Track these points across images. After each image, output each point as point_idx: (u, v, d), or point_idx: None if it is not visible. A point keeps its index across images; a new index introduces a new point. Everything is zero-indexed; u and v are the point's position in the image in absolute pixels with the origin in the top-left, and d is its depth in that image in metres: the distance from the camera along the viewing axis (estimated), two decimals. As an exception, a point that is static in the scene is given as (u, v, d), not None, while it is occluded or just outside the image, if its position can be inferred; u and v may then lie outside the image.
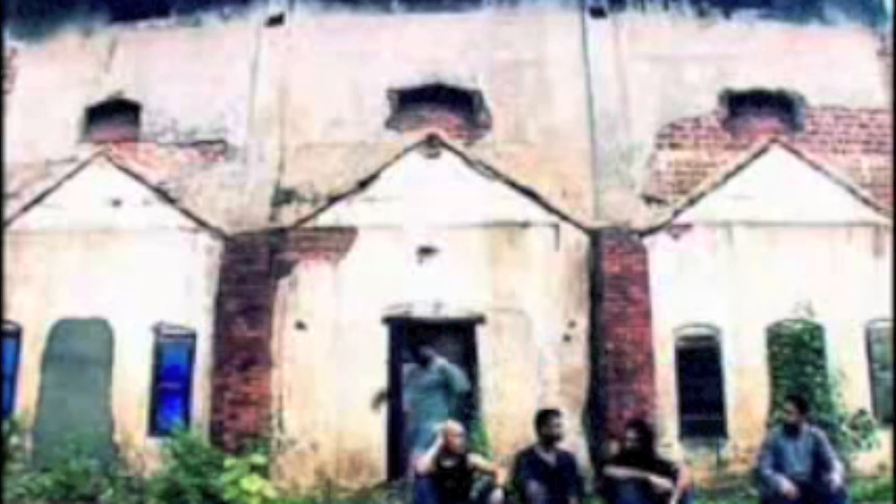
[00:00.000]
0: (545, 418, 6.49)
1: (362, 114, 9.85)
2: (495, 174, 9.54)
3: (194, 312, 9.24)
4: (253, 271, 9.16)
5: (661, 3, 10.38)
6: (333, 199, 9.51)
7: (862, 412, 8.70)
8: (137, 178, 9.81)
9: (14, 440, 8.80)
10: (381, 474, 8.69)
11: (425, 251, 9.27)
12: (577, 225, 9.37)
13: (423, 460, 6.19)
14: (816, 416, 8.10)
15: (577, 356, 9.01)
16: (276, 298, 9.17)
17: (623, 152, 9.63)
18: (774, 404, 8.69)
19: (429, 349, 7.26)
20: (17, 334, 9.34)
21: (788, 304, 9.09)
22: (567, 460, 6.40)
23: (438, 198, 9.43)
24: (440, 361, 7.13)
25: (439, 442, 6.30)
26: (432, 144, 9.69)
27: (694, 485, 6.40)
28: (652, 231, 9.36)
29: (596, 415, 8.78)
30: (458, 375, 7.01)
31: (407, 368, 7.94)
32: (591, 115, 9.75)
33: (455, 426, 6.46)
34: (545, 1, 10.31)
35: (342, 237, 9.36)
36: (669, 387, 8.89)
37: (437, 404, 6.80)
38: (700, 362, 9.03)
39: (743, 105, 9.91)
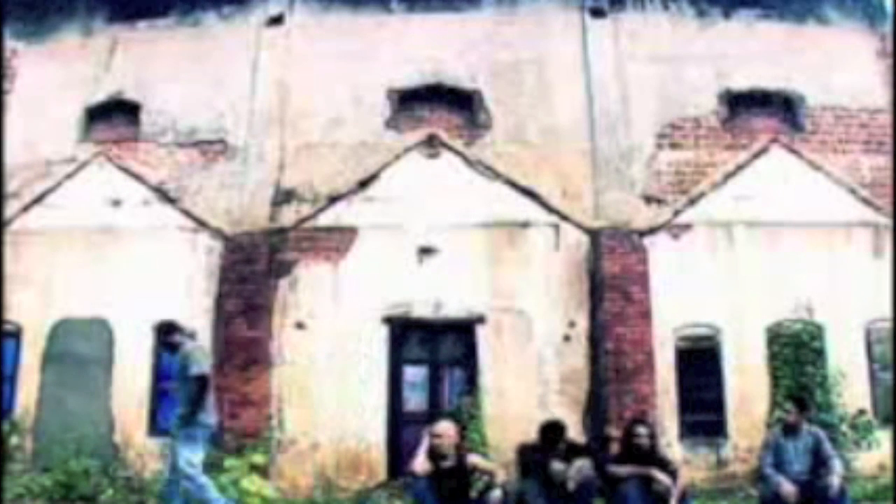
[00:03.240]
0: (552, 433, 6.22)
1: (362, 114, 9.85)
2: (495, 174, 9.54)
3: (194, 312, 9.21)
4: (253, 271, 9.16)
5: (661, 3, 10.39)
6: (333, 199, 9.51)
7: (862, 412, 8.72)
8: (137, 178, 9.82)
9: (14, 440, 8.80)
10: (381, 474, 8.69)
11: (425, 251, 9.27)
12: (577, 225, 9.37)
13: (418, 460, 6.11)
14: (816, 416, 8.12)
15: (577, 356, 9.00)
16: (276, 298, 9.17)
17: (623, 152, 9.63)
18: (774, 404, 8.72)
19: (176, 335, 6.36)
20: (17, 334, 9.35)
21: (788, 304, 9.12)
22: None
23: (438, 198, 9.43)
24: (186, 347, 6.29)
25: (424, 443, 6.14)
26: (432, 144, 9.69)
27: (692, 485, 6.39)
28: (652, 231, 9.35)
29: (596, 415, 8.78)
30: (194, 359, 6.11)
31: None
32: (591, 115, 9.75)
33: (439, 427, 6.15)
34: (545, 1, 10.32)
35: (342, 237, 9.36)
36: (669, 387, 8.90)
37: (180, 392, 6.13)
38: (700, 362, 9.03)
39: (743, 105, 9.92)
